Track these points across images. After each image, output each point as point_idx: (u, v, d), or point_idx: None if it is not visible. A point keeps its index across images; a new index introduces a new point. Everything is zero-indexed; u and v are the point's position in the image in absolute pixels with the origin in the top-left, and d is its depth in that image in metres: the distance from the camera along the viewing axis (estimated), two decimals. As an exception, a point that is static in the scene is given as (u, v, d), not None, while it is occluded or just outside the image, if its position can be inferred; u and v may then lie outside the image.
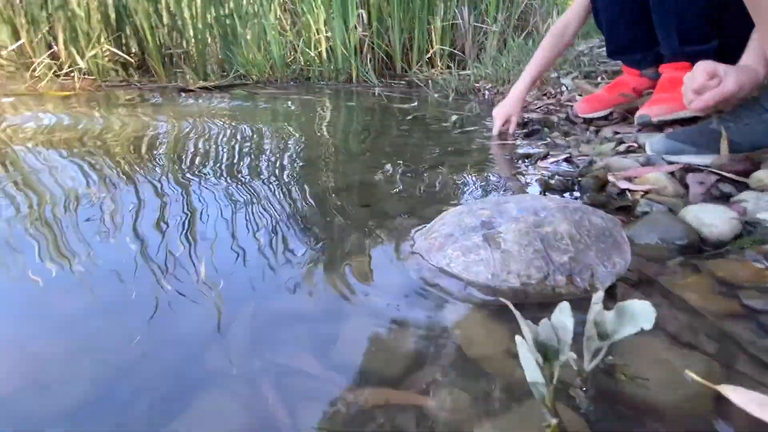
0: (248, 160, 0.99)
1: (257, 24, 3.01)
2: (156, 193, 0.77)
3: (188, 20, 3.10)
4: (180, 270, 0.51)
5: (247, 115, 1.56)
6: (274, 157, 1.01)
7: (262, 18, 2.99)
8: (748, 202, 0.56)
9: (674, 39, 0.94)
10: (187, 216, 0.67)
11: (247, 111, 1.66)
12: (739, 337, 0.37)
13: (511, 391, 0.33)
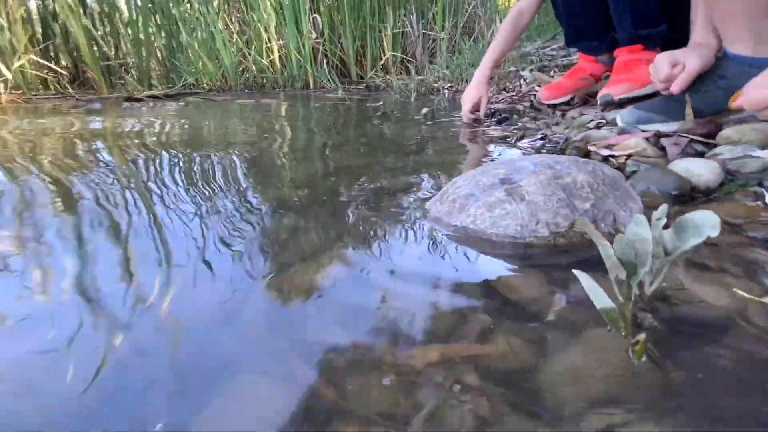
0: (263, 146, 0.93)
1: (204, 32, 2.90)
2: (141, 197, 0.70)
3: (127, 29, 2.92)
4: (183, 250, 0.46)
5: (232, 116, 1.48)
6: (279, 148, 0.96)
7: (210, 26, 2.88)
8: (724, 155, 0.61)
9: (628, 23, 1.01)
10: (209, 193, 0.61)
11: (231, 113, 1.58)
12: (755, 261, 0.40)
13: (573, 325, 0.32)
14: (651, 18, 0.98)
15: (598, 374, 0.27)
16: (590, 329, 0.30)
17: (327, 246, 0.47)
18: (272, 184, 0.72)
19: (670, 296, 0.33)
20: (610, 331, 0.29)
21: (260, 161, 0.88)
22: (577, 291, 0.36)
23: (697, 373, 0.26)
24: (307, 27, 2.89)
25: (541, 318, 0.33)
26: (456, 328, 0.33)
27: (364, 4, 3.14)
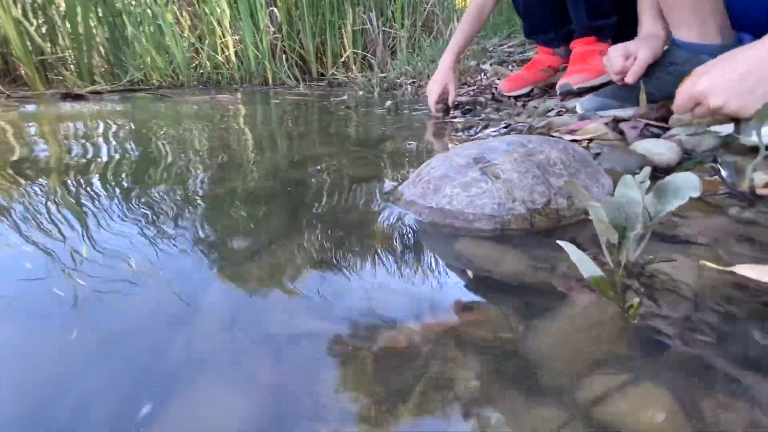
0: (221, 139, 0.86)
1: (152, 25, 2.73)
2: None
3: (64, 22, 2.70)
4: (135, 246, 0.41)
5: (201, 113, 1.38)
6: (239, 141, 0.90)
7: (158, 19, 2.71)
8: (680, 136, 0.64)
9: (583, 15, 1.05)
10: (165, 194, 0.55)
11: (202, 110, 1.47)
12: (722, 227, 0.41)
13: (561, 295, 0.31)
14: (603, 10, 1.03)
15: (591, 337, 0.26)
16: (578, 297, 0.30)
17: (295, 234, 0.43)
18: (234, 176, 0.67)
19: (648, 263, 0.33)
20: (600, 298, 0.28)
21: (219, 154, 0.83)
22: (560, 263, 0.35)
23: (684, 330, 0.25)
24: (264, 21, 2.79)
25: (528, 290, 0.32)
26: (440, 305, 0.31)
27: (322, 0, 3.09)
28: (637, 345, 0.24)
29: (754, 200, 0.46)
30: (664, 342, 0.24)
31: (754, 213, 0.43)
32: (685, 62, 0.74)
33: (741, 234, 0.40)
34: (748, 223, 0.41)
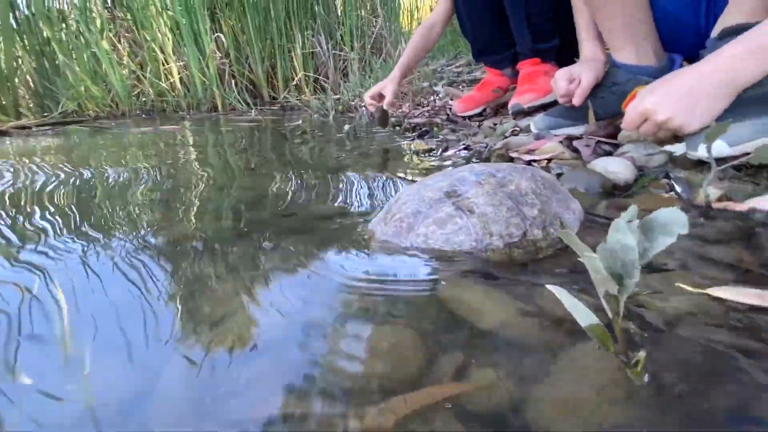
0: (168, 176, 0.78)
1: (86, 53, 2.55)
2: None
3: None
4: (68, 314, 0.34)
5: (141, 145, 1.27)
6: (188, 178, 0.83)
7: (92, 46, 2.55)
8: (631, 153, 0.66)
9: (527, 39, 1.10)
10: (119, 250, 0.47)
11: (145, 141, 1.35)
12: (687, 248, 0.41)
13: (554, 348, 0.29)
14: (545, 35, 1.08)
15: (593, 402, 0.24)
16: (574, 350, 0.28)
17: (255, 289, 0.39)
18: (180, 219, 0.61)
19: (635, 295, 0.33)
20: (599, 349, 0.27)
21: (165, 195, 0.76)
22: (547, 305, 0.33)
23: (694, 382, 0.24)
24: (210, 47, 2.71)
25: (518, 344, 0.30)
26: (426, 371, 0.28)
27: (269, 25, 3.06)
28: (648, 410, 0.22)
29: (711, 214, 0.48)
30: (675, 403, 0.23)
31: (713, 229, 0.45)
32: (626, 82, 0.79)
33: (706, 253, 0.41)
34: (713, 242, 0.42)
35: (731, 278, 0.36)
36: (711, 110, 0.56)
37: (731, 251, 0.40)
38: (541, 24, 1.06)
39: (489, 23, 1.19)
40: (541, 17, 1.05)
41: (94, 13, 2.74)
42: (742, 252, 0.40)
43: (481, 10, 1.18)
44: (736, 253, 0.40)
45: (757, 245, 0.41)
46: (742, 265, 0.38)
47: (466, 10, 1.20)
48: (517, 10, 1.07)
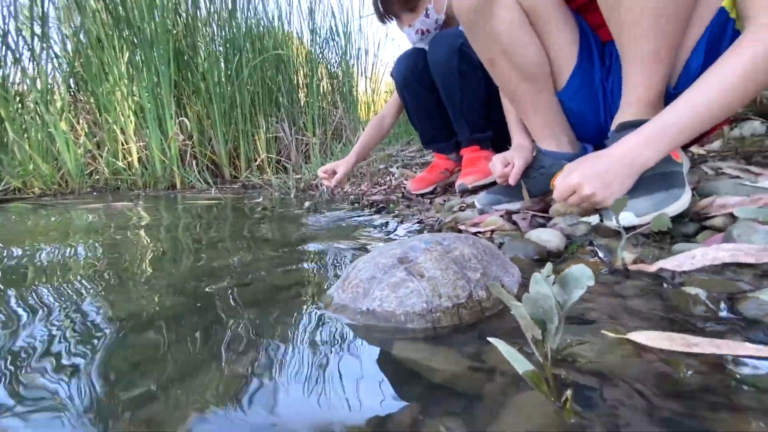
0: (118, 252, 0.74)
1: (41, 132, 2.53)
2: None
3: None
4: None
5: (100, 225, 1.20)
6: (139, 253, 0.80)
7: (50, 126, 2.54)
8: (561, 224, 0.75)
9: (466, 131, 1.27)
10: None
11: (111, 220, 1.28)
12: (609, 303, 0.47)
13: (500, 395, 0.31)
14: (480, 127, 1.26)
15: None
16: (518, 397, 0.30)
17: (210, 363, 0.39)
18: (132, 297, 0.59)
19: (566, 348, 0.36)
20: (537, 397, 0.29)
21: (114, 271, 0.74)
22: (494, 360, 0.36)
23: (611, 415, 0.27)
24: (174, 129, 2.79)
25: (469, 395, 0.32)
26: (386, 420, 0.29)
27: (234, 111, 3.24)
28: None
29: (628, 274, 0.55)
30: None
31: (631, 287, 0.51)
32: (550, 166, 0.92)
33: (626, 307, 0.46)
34: (631, 297, 0.48)
35: (647, 326, 0.41)
36: (622, 188, 0.66)
37: (646, 304, 0.46)
38: (475, 119, 1.24)
39: (434, 118, 1.36)
40: (474, 114, 1.23)
41: (56, 96, 2.78)
42: (655, 304, 0.46)
43: (426, 107, 1.36)
44: (650, 306, 0.46)
45: (666, 298, 0.47)
46: (656, 315, 0.43)
47: (414, 107, 1.38)
48: (455, 109, 1.25)
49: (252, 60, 3.24)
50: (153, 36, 2.70)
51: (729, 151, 1.01)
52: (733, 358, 0.33)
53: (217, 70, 3.15)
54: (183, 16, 3.16)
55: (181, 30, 3.09)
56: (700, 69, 0.66)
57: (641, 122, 0.68)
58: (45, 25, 2.59)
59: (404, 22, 1.24)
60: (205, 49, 3.22)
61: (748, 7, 0.61)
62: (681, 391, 0.30)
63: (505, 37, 0.80)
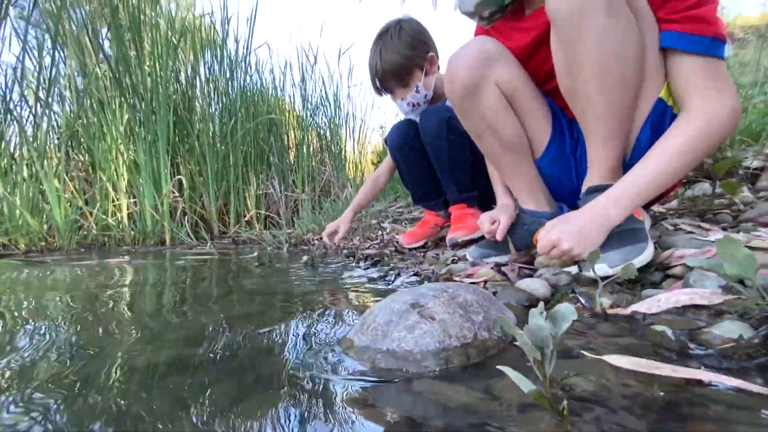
0: (131, 304, 0.77)
1: (33, 187, 2.56)
2: None
3: None
4: None
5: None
6: (154, 307, 0.83)
7: (42, 183, 2.58)
8: (546, 275, 0.84)
9: (454, 190, 1.40)
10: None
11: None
12: (593, 341, 0.54)
13: (506, 416, 0.37)
14: (467, 187, 1.39)
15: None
16: (522, 414, 0.36)
17: (265, 391, 0.43)
18: (154, 344, 0.63)
19: (564, 378, 0.43)
20: (539, 416, 0.36)
21: (132, 319, 0.77)
22: (499, 390, 0.42)
23: (600, 423, 0.34)
24: (168, 187, 2.86)
25: (481, 414, 0.38)
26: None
27: (227, 170, 3.36)
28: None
29: (606, 317, 0.64)
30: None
31: (610, 327, 0.59)
32: (532, 223, 1.03)
33: (608, 342, 0.54)
34: (611, 336, 0.56)
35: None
36: (595, 242, 0.77)
37: (623, 341, 0.54)
38: (463, 180, 1.38)
39: (424, 179, 1.50)
40: (462, 176, 1.37)
41: (51, 155, 2.85)
42: (630, 340, 0.54)
43: (417, 170, 1.50)
44: (626, 341, 0.53)
45: (640, 336, 0.55)
46: (632, 346, 0.51)
47: (407, 170, 1.52)
48: (444, 171, 1.39)
49: (246, 122, 3.44)
50: (154, 100, 2.87)
51: (684, 209, 1.15)
52: (690, 380, 0.41)
53: (212, 132, 3.32)
54: (183, 83, 3.39)
55: (179, 95, 3.29)
56: (648, 143, 0.80)
57: (606, 186, 0.80)
58: (50, 90, 2.73)
59: (397, 96, 1.41)
60: (201, 112, 3.41)
61: (680, 96, 0.76)
62: (653, 405, 0.37)
63: (489, 116, 0.95)
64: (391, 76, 1.36)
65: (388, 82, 1.38)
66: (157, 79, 2.86)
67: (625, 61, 0.73)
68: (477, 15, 0.95)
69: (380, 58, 1.34)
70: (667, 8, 0.73)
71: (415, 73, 1.37)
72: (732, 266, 0.50)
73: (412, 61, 1.35)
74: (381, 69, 1.35)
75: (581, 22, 0.71)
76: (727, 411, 0.36)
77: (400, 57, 1.33)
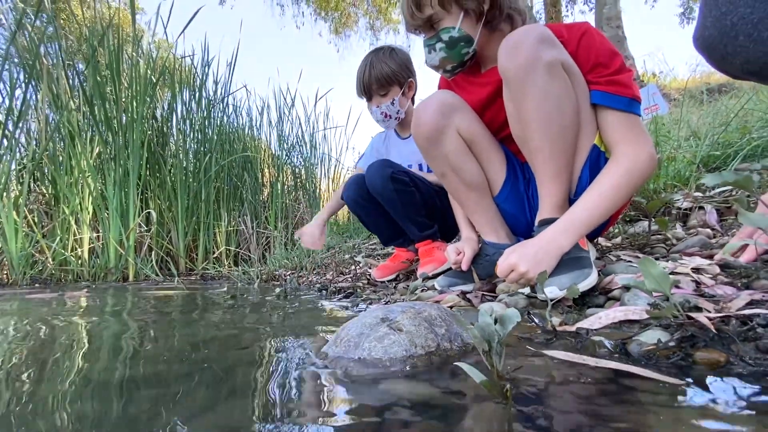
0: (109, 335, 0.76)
1: (-11, 221, 2.45)
2: None
3: None
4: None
5: None
6: (131, 339, 0.82)
7: (1, 217, 2.47)
8: (505, 299, 0.92)
9: (414, 230, 1.49)
10: None
11: None
12: (538, 350, 0.61)
13: (468, 401, 0.42)
14: (426, 225, 1.49)
15: (488, 424, 0.37)
16: (477, 404, 0.42)
17: (267, 386, 0.46)
18: (133, 362, 0.64)
19: (512, 371, 0.49)
20: (491, 401, 0.41)
21: (110, 345, 0.77)
22: (459, 387, 0.48)
23: (541, 408, 0.40)
24: (136, 221, 2.80)
25: (445, 404, 0.43)
26: (385, 424, 0.39)
27: (197, 205, 3.33)
28: (517, 420, 0.37)
29: (556, 333, 0.71)
30: (531, 416, 0.38)
31: (559, 342, 0.67)
32: (493, 254, 1.12)
33: (557, 354, 0.61)
34: (560, 348, 0.63)
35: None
36: (547, 266, 0.86)
37: (570, 349, 0.61)
38: (420, 221, 1.48)
39: (385, 224, 1.60)
40: (418, 217, 1.48)
41: (12, 188, 2.75)
42: (576, 350, 0.61)
43: (376, 217, 1.59)
44: (572, 351, 0.60)
45: (583, 346, 0.63)
46: (576, 355, 0.58)
47: (367, 219, 1.63)
48: (401, 218, 1.49)
49: (221, 159, 3.47)
50: (128, 135, 2.88)
51: (627, 244, 1.29)
52: (618, 372, 0.48)
53: (185, 167, 3.32)
54: (158, 119, 3.42)
55: (154, 131, 3.31)
56: (587, 183, 0.92)
57: (555, 219, 0.91)
58: (20, 122, 2.69)
59: (374, 103, 1.60)
60: (175, 148, 3.43)
61: (609, 143, 0.90)
62: (584, 390, 0.44)
63: (451, 158, 1.06)
64: (375, 81, 1.55)
65: (371, 86, 1.56)
66: (133, 114, 2.89)
67: (564, 113, 0.86)
68: (441, 68, 1.08)
69: (371, 65, 1.56)
70: (595, 73, 0.88)
71: (395, 88, 1.58)
72: (650, 282, 0.59)
73: (396, 76, 1.57)
74: (368, 74, 1.55)
75: (527, 80, 0.84)
76: (638, 395, 0.43)
77: (387, 68, 1.55)
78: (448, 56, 1.05)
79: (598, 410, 0.40)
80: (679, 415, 0.38)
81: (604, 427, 0.36)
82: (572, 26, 0.93)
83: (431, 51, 1.06)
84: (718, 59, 0.71)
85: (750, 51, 0.66)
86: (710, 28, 0.70)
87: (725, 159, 1.69)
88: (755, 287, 0.69)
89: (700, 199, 1.45)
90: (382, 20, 12.70)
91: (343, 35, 12.94)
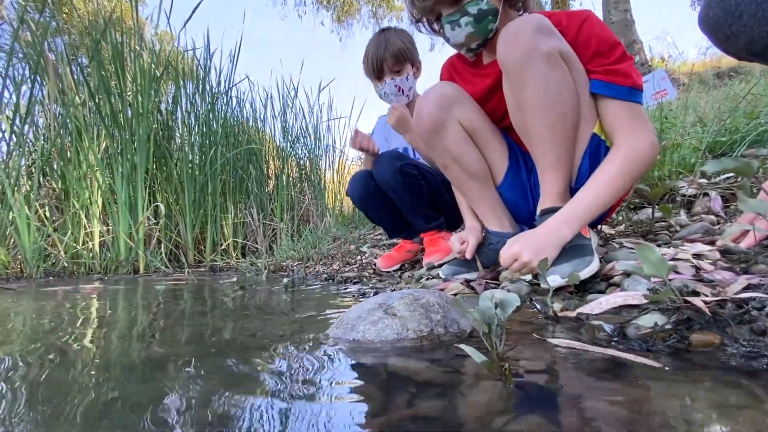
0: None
1: (2, 215, 2.50)
2: None
3: None
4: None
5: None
6: (156, 323, 0.85)
7: (12, 211, 2.53)
8: (508, 287, 0.93)
9: (421, 222, 1.50)
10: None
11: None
12: (541, 336, 0.63)
13: (464, 380, 0.44)
14: (432, 217, 1.50)
15: (489, 399, 0.39)
16: (475, 382, 0.44)
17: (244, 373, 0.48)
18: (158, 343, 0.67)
19: (509, 351, 0.51)
20: (488, 382, 0.43)
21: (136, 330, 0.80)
22: (458, 365, 0.50)
23: (543, 386, 0.42)
24: (145, 215, 2.85)
25: (443, 384, 0.45)
26: (388, 402, 0.41)
27: (204, 198, 3.37)
28: (517, 397, 0.39)
29: (557, 319, 0.72)
30: (530, 393, 0.40)
31: (561, 327, 0.68)
32: (497, 243, 1.13)
33: (557, 335, 0.62)
34: (560, 332, 0.65)
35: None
36: (550, 255, 0.86)
37: (569, 333, 0.62)
38: (425, 213, 1.49)
39: (391, 218, 1.61)
40: (425, 209, 1.49)
41: (22, 182, 2.80)
42: (575, 333, 0.62)
43: (384, 212, 1.60)
44: (571, 334, 0.62)
45: (582, 330, 0.64)
46: (577, 341, 0.60)
47: (373, 213, 1.64)
48: (408, 210, 1.50)
49: (226, 152, 3.49)
50: (134, 129, 2.90)
51: (630, 231, 1.29)
52: (613, 357, 0.49)
53: (191, 160, 3.35)
54: (163, 113, 3.44)
55: (159, 124, 3.34)
56: (588, 171, 0.92)
57: (557, 209, 0.91)
58: (27, 119, 2.73)
59: (388, 77, 1.57)
60: (181, 142, 3.46)
61: (610, 132, 0.90)
62: (580, 371, 0.45)
63: (454, 149, 1.06)
64: (391, 57, 1.53)
65: (384, 62, 1.54)
66: (138, 108, 2.92)
67: (563, 102, 0.86)
68: (466, 46, 1.05)
69: (387, 41, 1.55)
70: (594, 63, 0.88)
71: (407, 65, 1.57)
72: (649, 267, 0.60)
73: (410, 53, 1.57)
74: (383, 50, 1.53)
75: (525, 70, 0.84)
76: (633, 370, 0.44)
77: (402, 44, 1.55)
78: (475, 31, 0.99)
79: (594, 383, 0.41)
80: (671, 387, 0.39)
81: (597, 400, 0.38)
82: (573, 14, 0.92)
83: (455, 27, 1.00)
84: (722, 39, 0.70)
85: (754, 30, 0.66)
86: (715, 8, 0.69)
87: (732, 145, 1.67)
88: (753, 272, 0.69)
89: (705, 186, 1.44)
90: (385, 8, 12.55)
91: (345, 24, 12.83)
